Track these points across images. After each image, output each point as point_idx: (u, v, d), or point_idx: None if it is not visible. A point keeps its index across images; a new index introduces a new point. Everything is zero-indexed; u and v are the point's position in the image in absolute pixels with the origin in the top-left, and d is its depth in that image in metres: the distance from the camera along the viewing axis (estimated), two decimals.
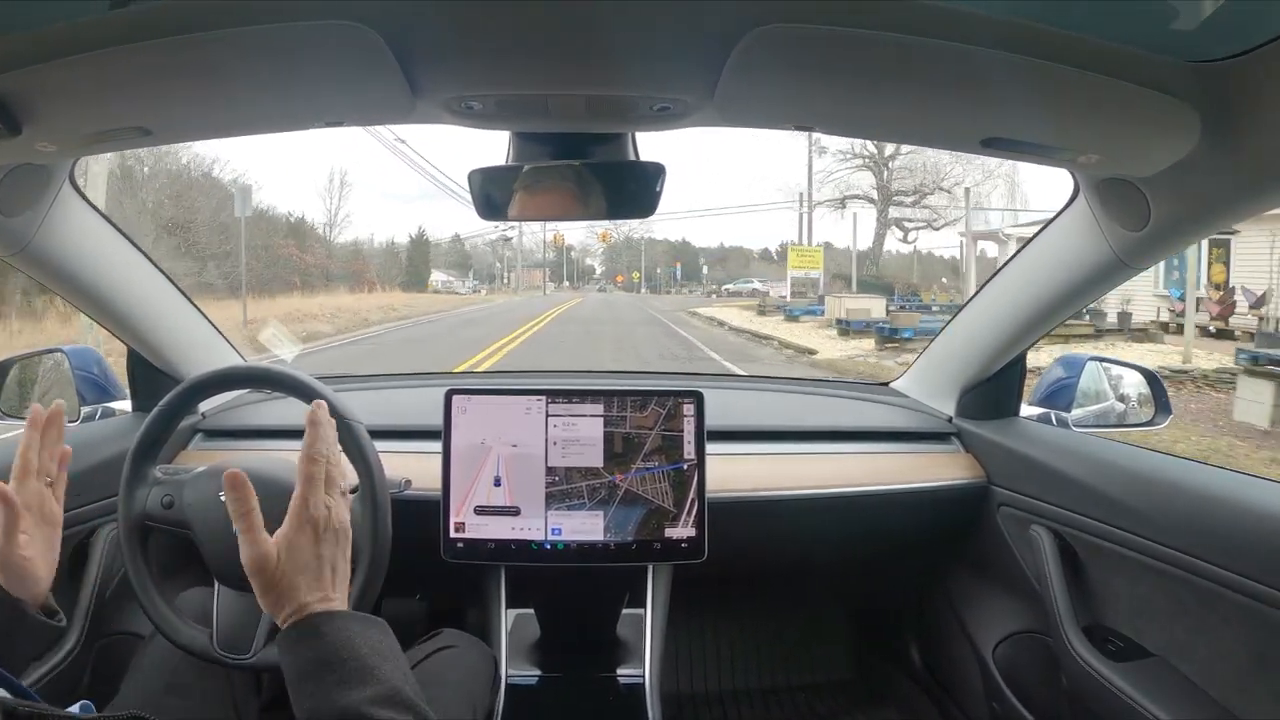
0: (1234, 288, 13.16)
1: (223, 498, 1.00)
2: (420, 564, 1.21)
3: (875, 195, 33.78)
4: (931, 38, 0.66)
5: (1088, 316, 12.33)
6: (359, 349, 13.08)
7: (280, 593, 0.68)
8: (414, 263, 45.31)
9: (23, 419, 1.43)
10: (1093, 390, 1.48)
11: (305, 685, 0.63)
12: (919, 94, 0.76)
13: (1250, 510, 0.97)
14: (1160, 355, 10.15)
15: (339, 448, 0.78)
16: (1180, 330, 11.09)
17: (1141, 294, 14.13)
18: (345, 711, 0.60)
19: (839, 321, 16.02)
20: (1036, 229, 1.28)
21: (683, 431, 1.25)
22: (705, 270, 62.35)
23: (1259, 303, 12.32)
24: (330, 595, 0.70)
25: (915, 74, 0.72)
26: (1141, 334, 12.38)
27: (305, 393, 1.04)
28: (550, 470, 1.24)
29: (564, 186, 0.95)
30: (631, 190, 0.97)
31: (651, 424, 1.25)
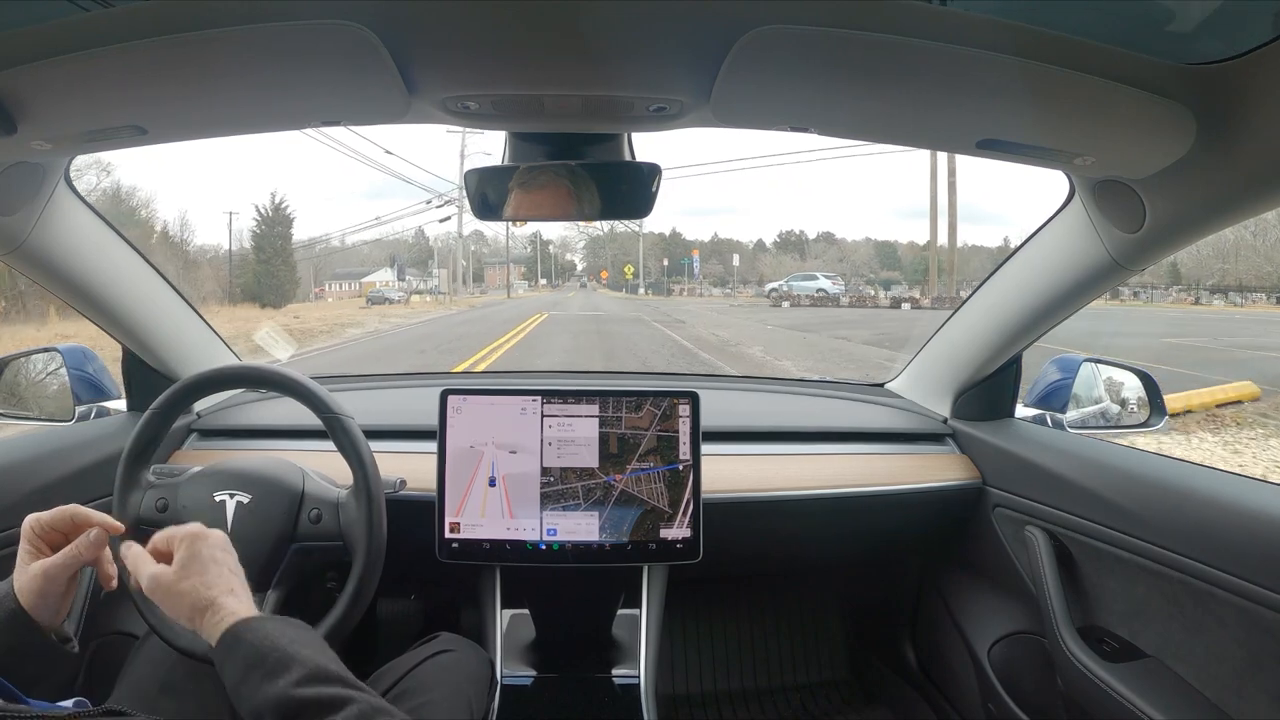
0: None
1: (217, 498, 1.00)
2: (415, 564, 1.21)
3: None
4: (927, 39, 0.66)
5: None
6: None
7: (190, 610, 0.73)
8: (266, 260, 26.38)
9: (19, 419, 1.44)
10: (1088, 392, 1.49)
11: (241, 689, 0.67)
12: (915, 96, 0.76)
13: (1245, 511, 0.98)
14: None
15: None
16: None
17: None
18: (278, 700, 0.64)
19: None
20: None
21: (678, 432, 1.25)
22: (736, 263, 51.05)
23: None
24: (239, 602, 0.74)
25: (911, 76, 0.72)
26: None
27: (300, 393, 1.04)
28: (545, 471, 1.24)
29: (560, 186, 0.95)
30: (626, 190, 0.97)
31: (647, 424, 1.25)
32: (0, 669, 0.69)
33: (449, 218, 33.55)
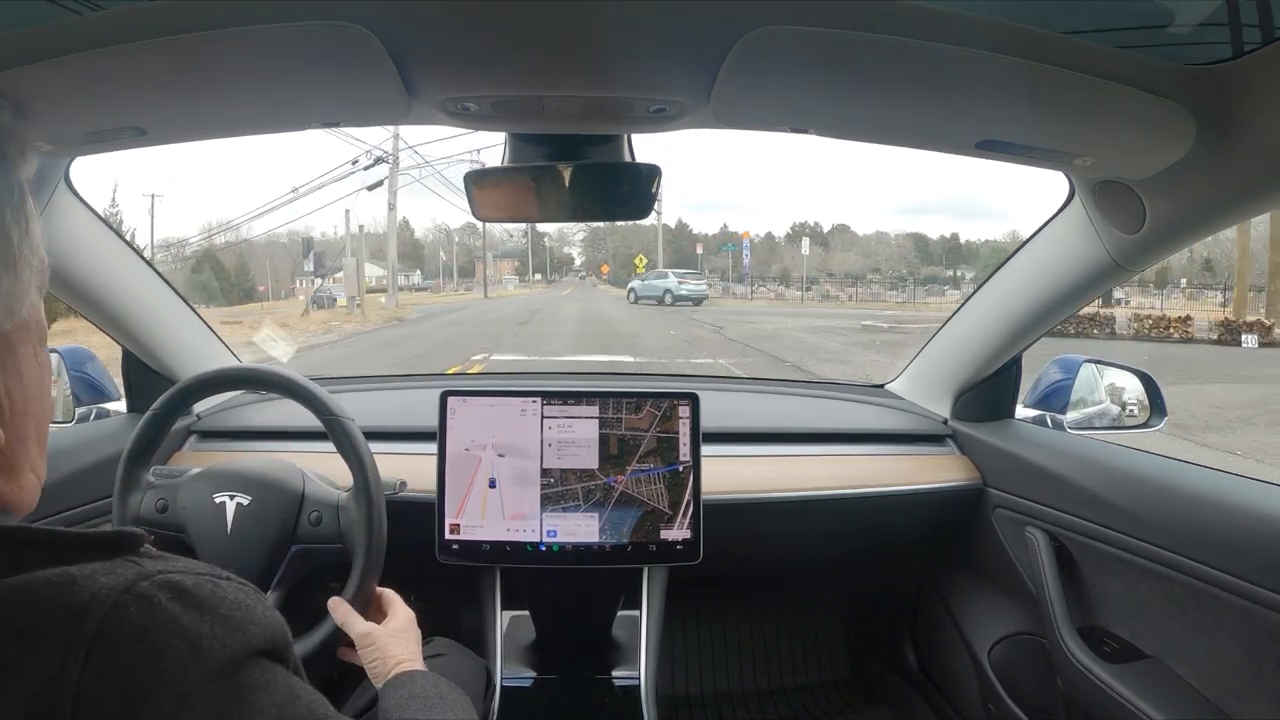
0: None
1: (217, 500, 1.00)
2: (415, 566, 1.21)
3: None
4: (927, 40, 0.66)
5: None
6: None
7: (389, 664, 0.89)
8: None
9: None
10: (1088, 393, 1.49)
11: (392, 713, 0.81)
12: (915, 96, 0.76)
13: (1244, 511, 0.98)
14: None
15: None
16: None
17: None
18: None
19: None
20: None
21: (678, 433, 1.25)
22: (806, 251, 39.52)
23: None
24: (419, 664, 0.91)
25: (912, 76, 0.72)
26: None
27: (300, 394, 1.04)
28: (545, 472, 1.24)
29: (560, 188, 0.95)
30: (626, 191, 0.97)
31: (647, 425, 1.25)
32: None
33: (380, 183, 21.90)
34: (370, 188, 21.75)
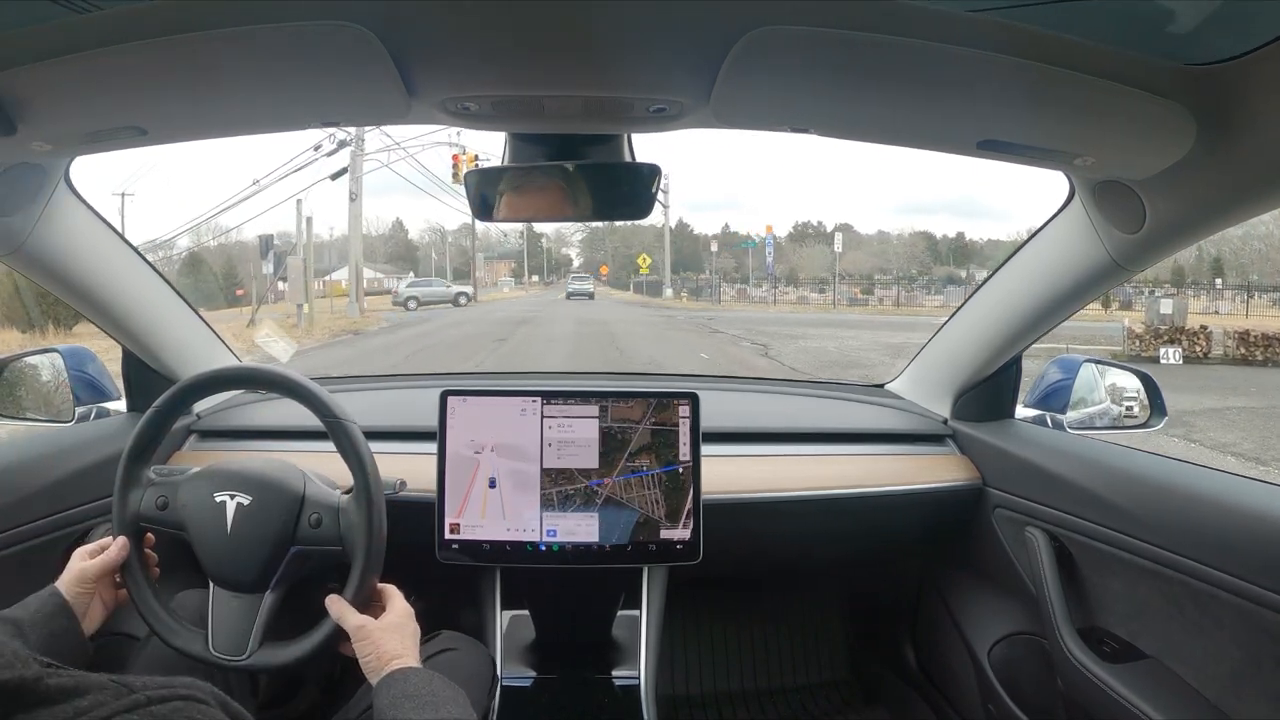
0: None
1: (217, 499, 1.00)
2: (415, 565, 1.21)
3: None
4: (928, 40, 0.66)
5: None
6: None
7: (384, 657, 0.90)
8: None
9: (18, 419, 1.44)
10: (1088, 392, 1.49)
11: (388, 712, 0.82)
12: (916, 96, 0.76)
13: (1245, 512, 0.98)
14: None
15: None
16: None
17: None
18: None
19: None
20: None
21: (678, 433, 1.25)
22: (839, 248, 35.64)
23: None
24: (413, 660, 0.92)
25: (912, 76, 0.72)
26: None
27: (301, 395, 1.04)
28: (545, 472, 1.24)
29: (560, 187, 0.95)
30: (626, 191, 0.97)
31: (647, 425, 1.25)
32: (43, 653, 0.72)
33: (343, 171, 18.91)
34: (333, 177, 18.57)
